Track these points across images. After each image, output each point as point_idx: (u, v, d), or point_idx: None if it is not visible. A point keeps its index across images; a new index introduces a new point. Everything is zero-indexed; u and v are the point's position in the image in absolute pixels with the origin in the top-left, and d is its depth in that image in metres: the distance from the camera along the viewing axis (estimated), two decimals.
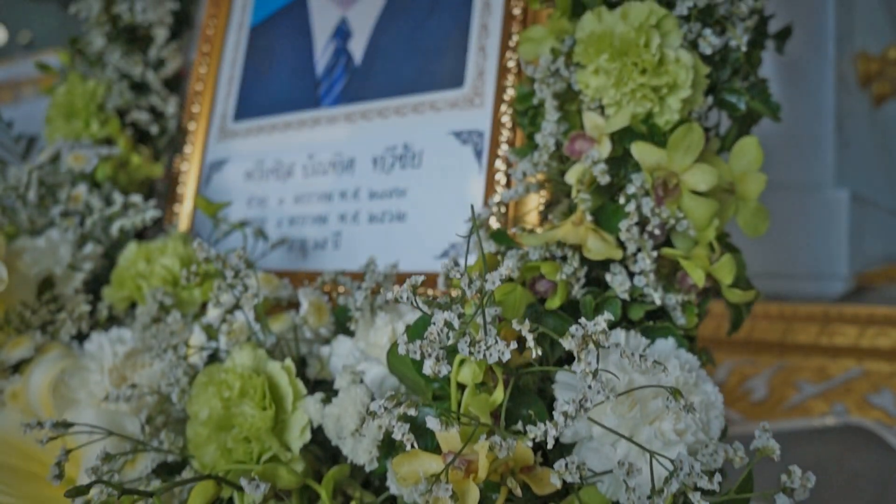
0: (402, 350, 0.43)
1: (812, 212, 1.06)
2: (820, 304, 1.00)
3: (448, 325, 0.43)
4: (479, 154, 0.73)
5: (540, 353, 0.42)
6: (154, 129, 0.94)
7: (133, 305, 0.75)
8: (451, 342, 0.45)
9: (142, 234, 0.87)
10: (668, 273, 0.58)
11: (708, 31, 0.58)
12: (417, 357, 0.43)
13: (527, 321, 0.42)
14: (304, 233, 0.83)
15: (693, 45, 0.59)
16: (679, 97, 0.57)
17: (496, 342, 0.43)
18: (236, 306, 0.61)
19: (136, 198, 0.78)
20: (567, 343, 0.41)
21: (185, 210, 0.94)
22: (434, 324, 0.43)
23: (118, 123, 0.92)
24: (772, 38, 0.69)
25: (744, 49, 0.59)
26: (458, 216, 0.73)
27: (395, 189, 0.78)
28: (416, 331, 0.49)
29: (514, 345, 0.43)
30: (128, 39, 0.97)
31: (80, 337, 0.71)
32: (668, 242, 0.58)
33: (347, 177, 0.82)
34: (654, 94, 0.57)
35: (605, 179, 0.56)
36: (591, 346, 0.40)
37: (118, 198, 0.77)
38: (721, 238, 0.60)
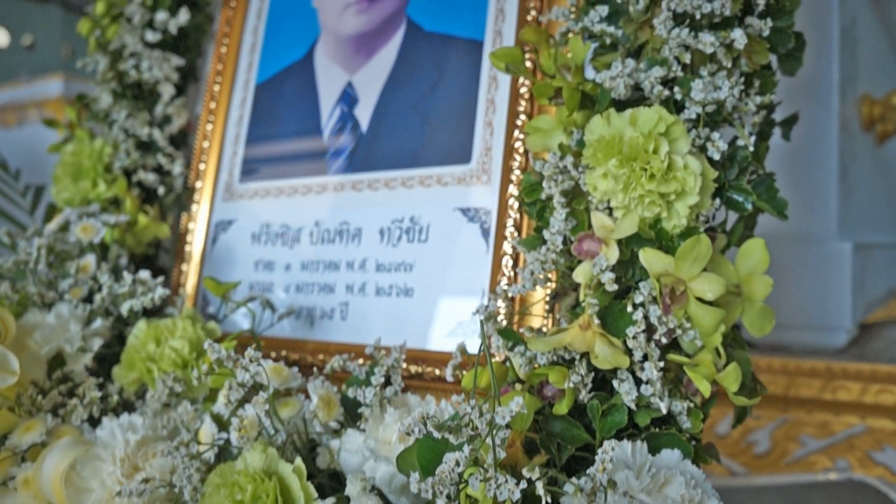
0: (413, 489, 0.44)
1: (815, 263, 1.06)
2: (823, 359, 1.00)
3: (459, 462, 0.44)
4: (486, 233, 0.74)
5: (549, 500, 0.43)
6: (161, 189, 0.94)
7: (144, 384, 0.76)
8: (462, 469, 0.46)
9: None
10: (674, 377, 0.58)
11: (716, 136, 0.58)
12: (429, 497, 0.44)
13: (536, 468, 0.43)
14: (311, 301, 0.84)
15: (701, 149, 0.59)
16: (687, 203, 0.57)
17: (506, 481, 0.44)
18: (247, 399, 0.62)
19: (145, 273, 0.78)
20: (577, 500, 0.41)
21: (192, 268, 0.95)
22: (445, 462, 0.44)
23: (125, 184, 0.92)
24: (778, 126, 0.69)
25: (751, 149, 0.60)
26: (466, 295, 0.73)
27: (402, 263, 0.78)
28: (424, 457, 0.49)
29: (524, 483, 0.44)
30: (134, 96, 0.97)
31: (92, 420, 0.71)
32: (674, 342, 0.59)
33: (354, 247, 0.82)
34: (662, 200, 0.57)
35: (612, 287, 0.56)
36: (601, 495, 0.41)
37: (127, 276, 0.77)
38: (727, 336, 0.60)
